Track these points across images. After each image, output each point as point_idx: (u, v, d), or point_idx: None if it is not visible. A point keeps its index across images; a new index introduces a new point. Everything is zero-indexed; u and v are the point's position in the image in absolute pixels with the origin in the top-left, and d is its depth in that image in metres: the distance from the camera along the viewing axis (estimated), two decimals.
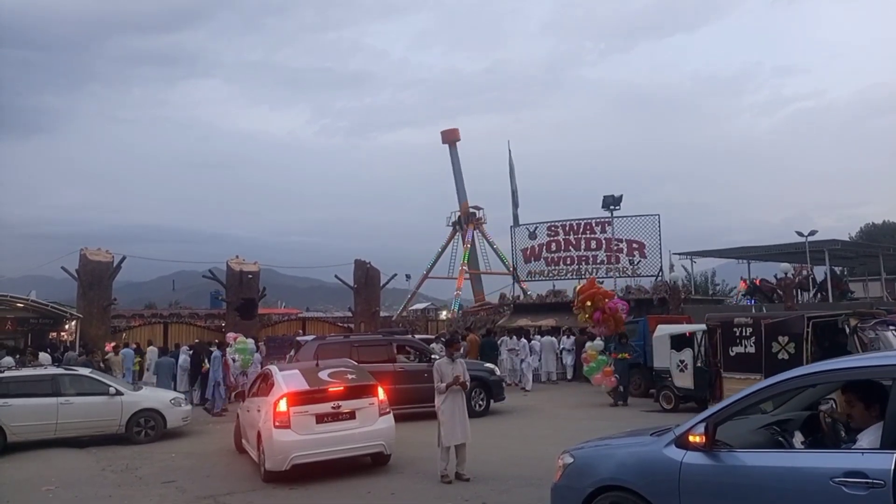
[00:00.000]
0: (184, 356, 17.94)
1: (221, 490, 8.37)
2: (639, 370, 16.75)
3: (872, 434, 3.73)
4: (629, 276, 29.20)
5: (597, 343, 16.68)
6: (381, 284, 32.24)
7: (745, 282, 29.76)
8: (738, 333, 12.44)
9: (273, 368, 9.82)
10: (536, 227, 32.17)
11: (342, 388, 8.83)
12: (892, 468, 3.41)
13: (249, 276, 27.39)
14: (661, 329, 15.49)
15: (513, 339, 20.91)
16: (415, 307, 53.21)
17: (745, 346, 12.31)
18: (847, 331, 11.05)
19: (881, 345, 10.57)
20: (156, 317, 40.12)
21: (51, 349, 21.04)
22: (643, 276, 28.88)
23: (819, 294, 27.39)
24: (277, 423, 8.42)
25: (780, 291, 25.21)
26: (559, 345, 21.87)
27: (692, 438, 4.28)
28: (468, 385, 8.90)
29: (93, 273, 24.70)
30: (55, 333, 24.90)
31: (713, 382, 13.17)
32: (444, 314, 46.40)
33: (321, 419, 8.58)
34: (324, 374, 9.12)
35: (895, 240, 44.82)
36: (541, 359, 21.28)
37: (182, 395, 14.32)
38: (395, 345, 14.71)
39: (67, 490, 8.68)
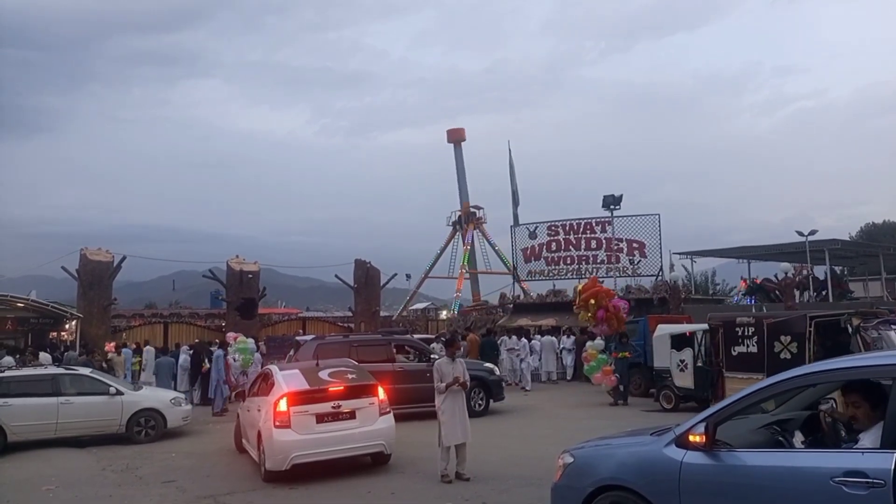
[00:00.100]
0: (184, 356, 17.95)
1: (222, 490, 8.37)
2: (639, 370, 16.74)
3: (874, 434, 3.72)
4: (629, 276, 29.21)
5: (597, 342, 16.68)
6: (382, 284, 32.26)
7: (745, 281, 29.78)
8: (741, 333, 12.41)
9: (273, 368, 9.81)
10: (536, 227, 32.18)
11: (342, 388, 8.82)
12: (893, 468, 3.41)
13: (249, 276, 27.40)
14: (662, 329, 15.50)
15: (512, 339, 20.91)
16: (415, 307, 53.23)
17: (748, 346, 12.27)
18: (850, 330, 11.00)
19: (884, 344, 10.51)
20: (156, 316, 40.13)
21: (51, 349, 21.05)
22: (643, 276, 28.90)
23: (819, 293, 27.40)
24: (278, 423, 8.41)
25: (778, 291, 25.22)
26: (559, 344, 21.89)
27: (692, 438, 4.28)
28: (468, 385, 8.90)
29: (93, 273, 24.72)
30: (55, 333, 24.92)
31: (715, 382, 13.14)
32: (444, 314, 46.49)
33: (321, 419, 8.58)
34: (324, 374, 9.10)
35: (895, 239, 44.83)
36: (541, 358, 21.30)
37: (182, 395, 14.33)
38: (395, 344, 14.70)
39: (68, 490, 8.68)
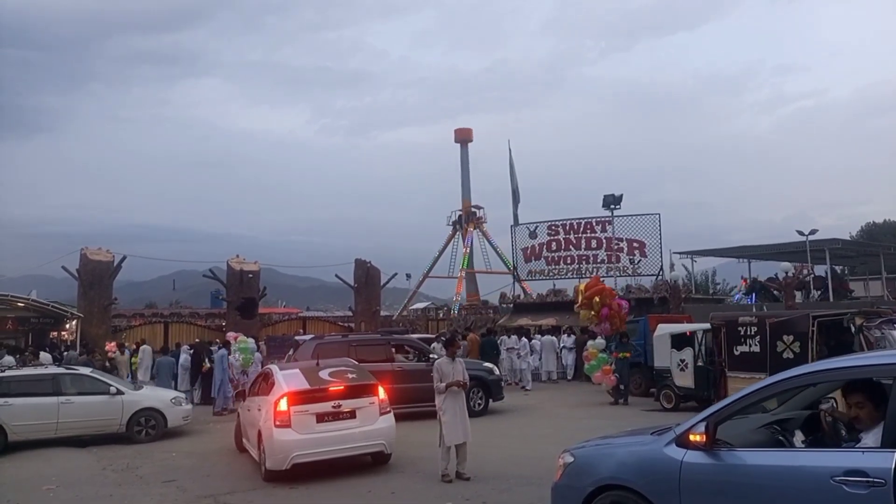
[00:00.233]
0: (184, 356, 17.96)
1: (222, 489, 8.37)
2: (639, 369, 16.74)
3: (876, 434, 3.71)
4: (630, 276, 29.23)
5: (598, 342, 16.69)
6: (382, 284, 32.28)
7: (746, 280, 29.77)
8: (743, 333, 12.36)
9: (273, 368, 9.81)
10: (537, 227, 32.18)
11: (343, 388, 8.82)
12: (893, 467, 3.41)
13: (250, 276, 27.41)
14: (662, 328, 15.50)
15: (512, 339, 20.91)
16: (415, 306, 53.23)
17: (750, 346, 12.20)
18: (853, 330, 10.95)
19: (887, 344, 10.45)
20: (156, 316, 40.13)
21: (51, 349, 21.07)
22: (644, 276, 28.92)
23: (819, 290, 27.38)
24: (278, 423, 8.41)
25: (777, 291, 25.21)
26: (559, 344, 21.89)
27: (693, 437, 4.28)
28: (468, 385, 8.91)
29: (93, 272, 24.74)
30: (56, 333, 24.95)
31: (717, 382, 13.11)
32: (441, 314, 46.57)
33: (322, 418, 8.58)
34: (324, 374, 9.10)
35: None
36: (541, 358, 21.31)
37: (183, 395, 14.33)
38: (393, 344, 14.70)
39: (68, 489, 8.68)
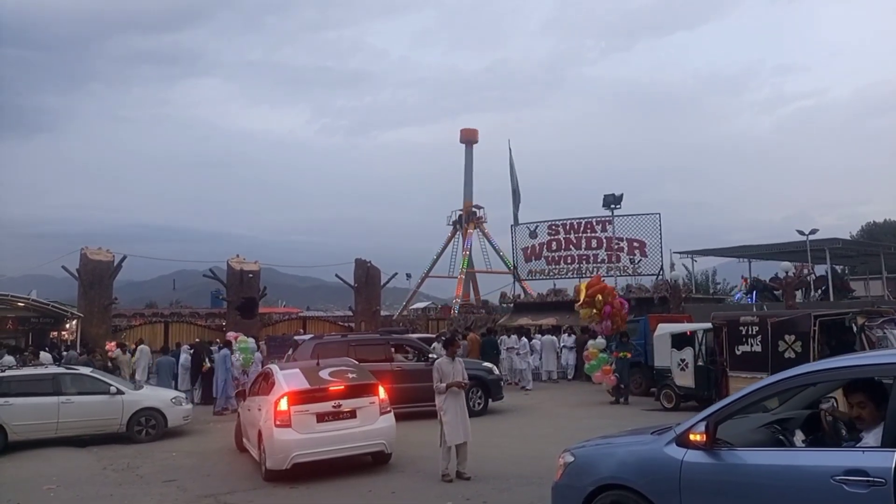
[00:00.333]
0: (185, 355, 17.95)
1: (222, 489, 8.37)
2: (640, 369, 16.75)
3: (877, 433, 3.71)
4: (630, 275, 29.22)
5: (599, 341, 16.71)
6: (382, 283, 32.31)
7: (746, 280, 29.77)
8: (745, 332, 12.35)
9: (274, 367, 9.81)
10: (537, 226, 32.17)
11: (343, 387, 8.82)
12: (893, 466, 3.40)
13: (250, 276, 27.43)
14: (662, 328, 15.51)
15: (512, 338, 20.91)
16: (415, 306, 53.28)
17: (752, 345, 12.19)
18: (854, 329, 10.96)
19: (889, 343, 10.45)
20: (156, 316, 40.13)
21: (51, 348, 21.07)
22: (644, 275, 28.91)
23: (819, 292, 27.37)
24: (278, 422, 8.41)
25: (777, 290, 25.21)
26: (560, 343, 21.88)
27: (693, 437, 4.28)
28: (467, 385, 8.91)
29: (93, 272, 24.76)
30: (56, 333, 24.98)
31: (719, 381, 13.10)
32: (432, 313, 46.98)
33: (322, 418, 8.57)
34: (324, 373, 9.10)
35: None
36: (541, 358, 21.30)
37: (183, 395, 14.33)
38: (393, 344, 14.69)
39: (68, 489, 8.68)
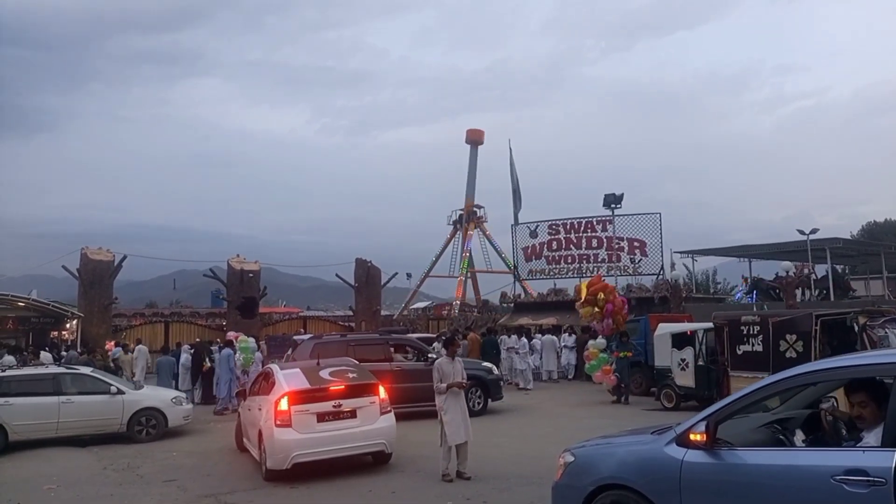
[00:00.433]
0: (185, 355, 17.95)
1: (223, 489, 8.37)
2: (640, 369, 16.75)
3: (877, 433, 3.70)
4: (630, 275, 29.20)
5: (599, 341, 16.72)
6: (382, 283, 32.31)
7: (746, 279, 29.77)
8: (746, 332, 12.33)
9: (274, 367, 9.82)
10: (537, 226, 32.16)
11: (343, 387, 8.82)
12: (893, 466, 3.40)
13: (250, 275, 27.44)
14: (663, 328, 15.51)
15: (512, 338, 20.90)
16: (416, 306, 53.30)
17: (753, 345, 12.17)
18: (856, 329, 10.95)
19: (890, 343, 10.43)
20: (157, 316, 40.18)
21: (52, 348, 21.08)
22: (644, 275, 28.89)
23: (820, 292, 27.37)
24: (279, 422, 8.41)
25: (780, 290, 25.20)
26: (560, 343, 21.88)
27: (693, 437, 4.28)
28: (466, 385, 8.91)
29: (94, 272, 24.78)
30: (56, 332, 24.99)
31: (720, 381, 13.09)
32: (421, 312, 47.42)
33: (322, 418, 8.58)
34: (325, 373, 9.10)
35: None
36: (542, 357, 21.31)
37: (183, 394, 14.34)
38: (392, 344, 14.67)
39: (69, 489, 8.69)
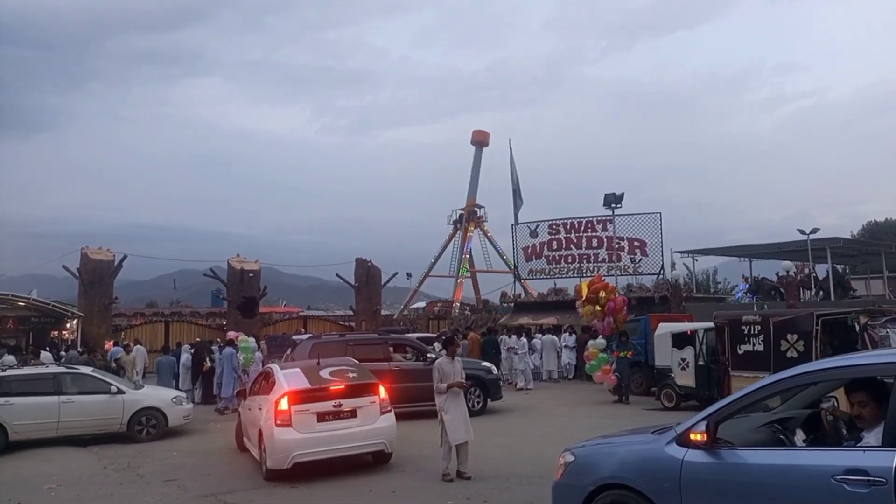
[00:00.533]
0: (186, 355, 17.96)
1: (223, 489, 8.38)
2: (640, 368, 16.76)
3: (878, 433, 3.70)
4: (630, 275, 29.18)
5: (599, 341, 16.73)
6: (382, 283, 32.29)
7: (747, 279, 29.74)
8: (747, 331, 12.30)
9: (274, 367, 9.82)
10: (538, 226, 32.12)
11: (343, 387, 8.82)
12: (894, 466, 3.40)
13: (250, 275, 27.43)
14: (663, 327, 15.52)
15: (512, 338, 20.91)
16: (416, 305, 53.27)
17: (754, 345, 12.14)
18: (857, 329, 10.94)
19: (891, 342, 10.41)
20: (157, 315, 40.19)
21: (52, 348, 21.08)
22: (644, 275, 28.85)
23: (820, 292, 27.34)
24: (279, 422, 8.42)
25: (781, 290, 25.18)
26: (560, 343, 21.88)
27: (693, 436, 4.27)
28: (466, 385, 8.91)
29: (94, 272, 24.77)
30: (56, 332, 24.98)
31: (721, 381, 13.08)
32: (406, 311, 47.67)
33: (322, 417, 8.58)
34: (325, 373, 9.10)
35: None
36: (542, 357, 21.31)
37: (183, 394, 14.35)
38: (391, 344, 14.67)
39: (69, 488, 8.69)
